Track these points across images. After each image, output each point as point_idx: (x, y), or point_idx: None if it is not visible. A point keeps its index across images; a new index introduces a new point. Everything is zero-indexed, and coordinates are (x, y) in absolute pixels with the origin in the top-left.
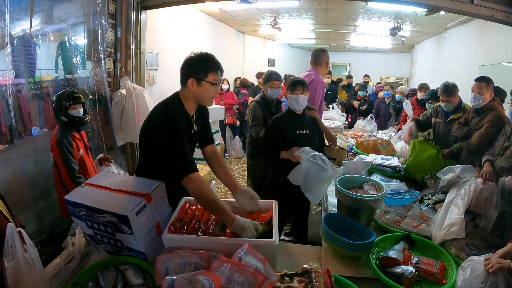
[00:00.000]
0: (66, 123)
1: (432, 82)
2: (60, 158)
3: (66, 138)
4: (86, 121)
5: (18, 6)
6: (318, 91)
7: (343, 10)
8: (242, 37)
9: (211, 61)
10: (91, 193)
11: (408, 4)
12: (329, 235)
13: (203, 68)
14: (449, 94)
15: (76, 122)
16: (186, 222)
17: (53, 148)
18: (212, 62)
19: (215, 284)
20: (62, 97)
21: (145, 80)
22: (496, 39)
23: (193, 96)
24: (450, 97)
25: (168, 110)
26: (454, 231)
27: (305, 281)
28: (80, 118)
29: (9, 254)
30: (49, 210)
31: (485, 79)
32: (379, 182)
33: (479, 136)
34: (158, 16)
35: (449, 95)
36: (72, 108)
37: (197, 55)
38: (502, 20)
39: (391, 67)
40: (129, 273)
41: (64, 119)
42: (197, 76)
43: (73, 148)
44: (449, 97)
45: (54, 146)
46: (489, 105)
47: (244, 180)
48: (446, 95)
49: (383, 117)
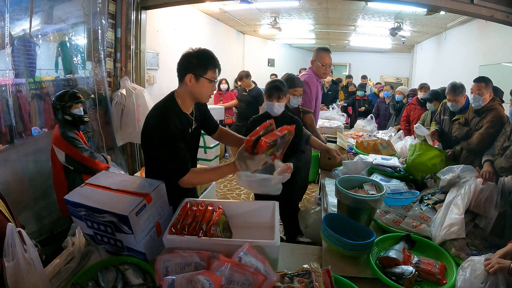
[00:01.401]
0: (69, 121)
1: (432, 82)
2: (74, 148)
3: (70, 132)
4: (87, 120)
5: (18, 6)
6: (312, 92)
7: (343, 10)
8: (242, 37)
9: (211, 58)
10: (91, 193)
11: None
12: (329, 235)
13: (202, 64)
14: (456, 94)
15: (78, 120)
16: (187, 223)
17: (59, 143)
18: (211, 59)
19: (215, 284)
20: (66, 97)
21: (145, 80)
22: (496, 39)
23: (190, 93)
24: (457, 97)
25: (161, 111)
26: (454, 231)
27: (305, 281)
28: (82, 116)
29: (9, 254)
30: (49, 210)
31: (483, 80)
32: (379, 182)
33: (479, 137)
34: (158, 16)
35: (456, 94)
36: (74, 107)
37: (196, 50)
38: (502, 20)
39: (391, 67)
40: (129, 273)
41: (67, 117)
42: (195, 72)
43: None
44: (456, 97)
45: (60, 141)
46: (489, 105)
47: None
48: (453, 95)
49: (383, 117)
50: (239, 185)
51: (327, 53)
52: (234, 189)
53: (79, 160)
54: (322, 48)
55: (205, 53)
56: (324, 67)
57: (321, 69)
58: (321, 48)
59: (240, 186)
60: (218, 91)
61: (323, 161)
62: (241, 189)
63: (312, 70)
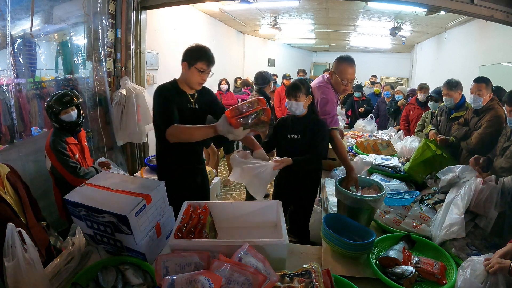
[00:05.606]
0: (59, 128)
1: (432, 82)
2: (58, 161)
3: (59, 143)
4: (80, 124)
5: (19, 6)
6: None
7: (343, 10)
8: (242, 37)
9: (204, 51)
10: (91, 193)
11: (408, 4)
12: (329, 235)
13: (194, 55)
14: (450, 88)
15: (68, 127)
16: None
17: (48, 151)
18: (203, 53)
19: (215, 284)
20: (52, 101)
21: (145, 80)
22: (496, 39)
23: (184, 78)
24: (450, 91)
25: (163, 85)
26: (454, 231)
27: (305, 281)
28: (72, 122)
29: (9, 254)
30: (49, 210)
31: (484, 80)
32: (379, 182)
33: (477, 136)
34: (158, 16)
35: (449, 88)
36: (64, 112)
37: (196, 45)
38: (502, 20)
39: (391, 67)
40: (129, 273)
41: (55, 125)
42: (189, 61)
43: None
44: (450, 91)
45: (49, 149)
46: (488, 105)
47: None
48: (447, 89)
49: (383, 117)
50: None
51: (350, 65)
52: (234, 189)
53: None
54: (344, 59)
55: (200, 48)
56: (344, 83)
57: (340, 85)
58: (343, 58)
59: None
60: (218, 91)
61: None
62: (241, 189)
63: (330, 82)
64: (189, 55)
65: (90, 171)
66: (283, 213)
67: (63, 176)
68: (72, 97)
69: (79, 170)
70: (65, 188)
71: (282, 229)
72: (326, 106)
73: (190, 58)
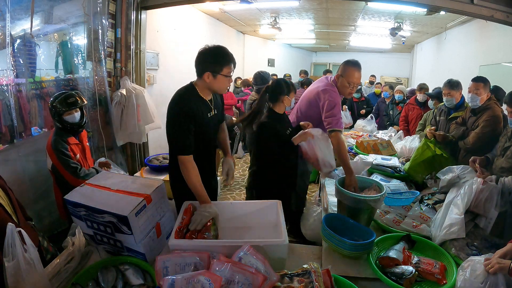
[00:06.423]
0: (61, 129)
1: (432, 82)
2: (59, 162)
3: (60, 143)
4: (83, 126)
5: (19, 6)
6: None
7: (343, 10)
8: (242, 37)
9: (226, 55)
10: (91, 193)
11: (408, 4)
12: (329, 235)
13: (218, 62)
14: (451, 87)
15: (70, 129)
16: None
17: (49, 151)
18: (226, 56)
19: (215, 284)
20: (57, 102)
21: (145, 80)
22: (496, 39)
23: (209, 87)
24: (451, 91)
25: (181, 96)
26: (454, 231)
27: (305, 281)
28: (75, 124)
29: (9, 254)
30: (49, 210)
31: (482, 80)
32: (379, 182)
33: (474, 136)
34: (158, 16)
35: (451, 88)
36: (67, 113)
37: (211, 48)
38: (502, 20)
39: (391, 67)
40: (129, 273)
41: (58, 125)
42: (213, 70)
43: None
44: (451, 90)
45: (50, 149)
46: (485, 105)
47: (244, 180)
48: (448, 88)
49: (383, 117)
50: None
51: (357, 69)
52: (234, 189)
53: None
54: (352, 63)
55: (220, 51)
56: (350, 86)
57: (346, 89)
58: (352, 62)
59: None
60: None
61: None
62: (241, 189)
63: (336, 84)
64: (211, 63)
65: (91, 172)
66: (283, 213)
67: (63, 176)
68: (77, 99)
69: (79, 171)
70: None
71: (282, 229)
72: (334, 109)
73: (213, 66)
